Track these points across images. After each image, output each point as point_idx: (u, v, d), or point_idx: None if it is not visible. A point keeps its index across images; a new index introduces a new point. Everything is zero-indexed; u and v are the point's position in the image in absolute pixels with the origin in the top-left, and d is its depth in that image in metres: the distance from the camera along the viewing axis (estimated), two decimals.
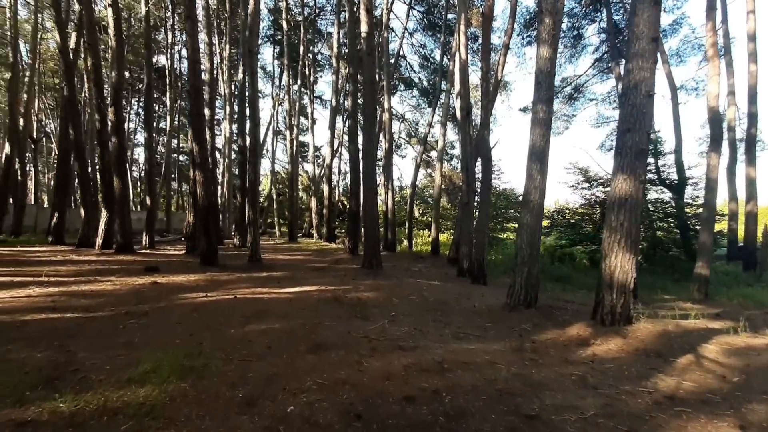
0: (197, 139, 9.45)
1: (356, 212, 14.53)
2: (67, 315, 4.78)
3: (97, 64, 12.11)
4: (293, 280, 8.59)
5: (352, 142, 14.30)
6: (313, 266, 11.28)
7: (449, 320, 6.00)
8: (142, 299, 5.96)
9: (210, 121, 16.78)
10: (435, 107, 20.55)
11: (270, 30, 31.47)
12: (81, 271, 8.39)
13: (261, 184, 41.73)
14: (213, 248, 9.72)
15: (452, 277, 11.57)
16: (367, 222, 10.70)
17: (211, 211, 9.77)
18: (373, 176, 10.81)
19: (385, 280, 9.36)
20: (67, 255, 11.03)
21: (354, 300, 6.83)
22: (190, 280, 8.00)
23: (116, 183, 11.77)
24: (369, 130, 10.77)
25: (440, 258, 16.66)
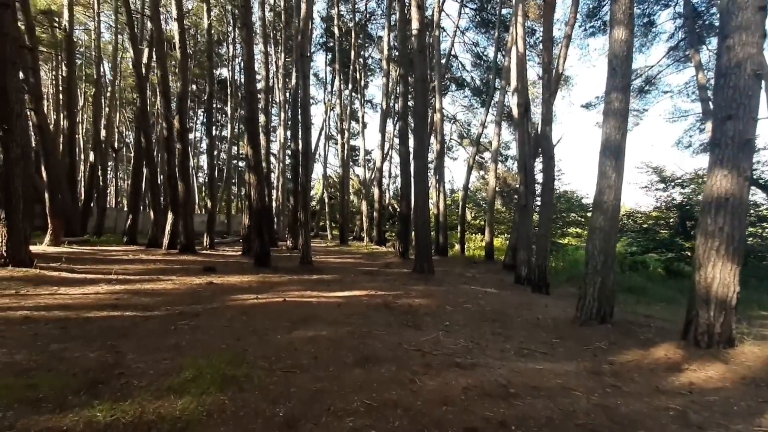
0: (251, 143, 9.65)
1: (407, 215, 14.18)
2: (126, 313, 4.89)
3: (165, 76, 12.90)
4: (342, 283, 8.41)
5: (403, 144, 13.98)
6: (363, 270, 11.08)
7: (510, 333, 5.43)
8: (197, 299, 6.03)
9: (265, 127, 17.34)
10: (488, 107, 19.69)
11: (322, 38, 32.33)
12: (146, 270, 8.83)
13: (313, 187, 42.87)
14: (266, 250, 9.84)
15: (509, 285, 10.83)
16: (418, 225, 10.30)
17: (264, 213, 9.90)
18: (424, 178, 10.40)
19: (437, 286, 8.90)
20: (137, 254, 11.79)
21: (405, 307, 6.47)
22: (243, 281, 8.09)
23: (180, 187, 12.41)
24: (420, 131, 10.39)
25: (495, 264, 15.80)
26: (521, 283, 10.99)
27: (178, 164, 12.44)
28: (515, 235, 14.07)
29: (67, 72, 16.88)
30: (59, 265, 8.55)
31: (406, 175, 14.07)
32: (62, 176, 15.85)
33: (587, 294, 5.78)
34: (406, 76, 13.89)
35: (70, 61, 16.89)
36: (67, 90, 17.05)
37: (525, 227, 11.33)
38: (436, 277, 10.10)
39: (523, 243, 11.22)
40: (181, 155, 12.35)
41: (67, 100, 17.05)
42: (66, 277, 7.28)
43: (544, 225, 8.99)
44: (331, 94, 32.46)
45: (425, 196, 10.34)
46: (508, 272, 13.69)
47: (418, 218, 10.32)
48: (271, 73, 24.29)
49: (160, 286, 7.04)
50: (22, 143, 7.43)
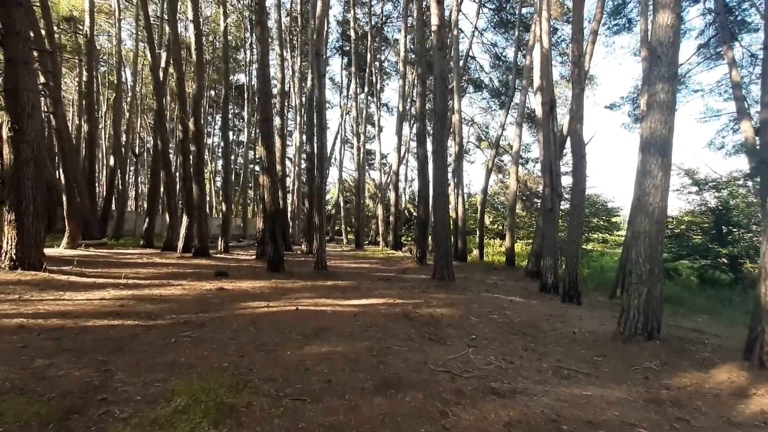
0: (265, 143, 9.33)
1: (424, 220, 13.66)
2: (128, 322, 4.52)
3: (181, 79, 12.77)
4: (359, 290, 7.94)
5: (421, 146, 13.50)
6: (379, 276, 10.60)
7: (545, 350, 4.86)
8: (205, 307, 5.65)
9: (281, 130, 17.12)
10: (508, 108, 19.06)
11: (338, 42, 32.23)
12: (157, 274, 8.55)
13: (329, 192, 42.69)
14: (279, 254, 9.47)
15: (534, 293, 10.18)
16: (437, 229, 9.78)
17: (278, 216, 9.55)
18: (443, 180, 9.89)
19: (459, 294, 8.34)
20: (151, 258, 11.59)
21: (426, 317, 5.96)
22: (255, 286, 7.71)
23: (195, 190, 12.21)
24: (439, 131, 9.89)
25: (516, 270, 15.10)
26: (547, 292, 10.34)
27: (193, 167, 12.25)
28: (539, 240, 13.39)
29: (88, 77, 17.05)
30: (70, 268, 8.35)
31: (423, 178, 13.57)
32: (81, 180, 15.94)
33: (631, 306, 5.17)
34: (423, 77, 13.44)
35: (90, 66, 17.06)
36: (88, 95, 17.21)
37: (550, 232, 10.66)
38: (457, 285, 9.54)
39: (549, 249, 10.56)
40: (196, 158, 12.15)
41: (88, 105, 17.20)
42: (74, 282, 7.03)
43: (574, 230, 8.34)
44: (346, 98, 32.30)
45: (445, 199, 9.83)
46: (532, 279, 13.00)
47: (438, 222, 9.80)
48: (287, 77, 24.22)
49: (168, 291, 6.70)
50: (34, 145, 7.25)
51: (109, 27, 22.25)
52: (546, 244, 10.75)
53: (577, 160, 8.30)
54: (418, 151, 13.68)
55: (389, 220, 29.90)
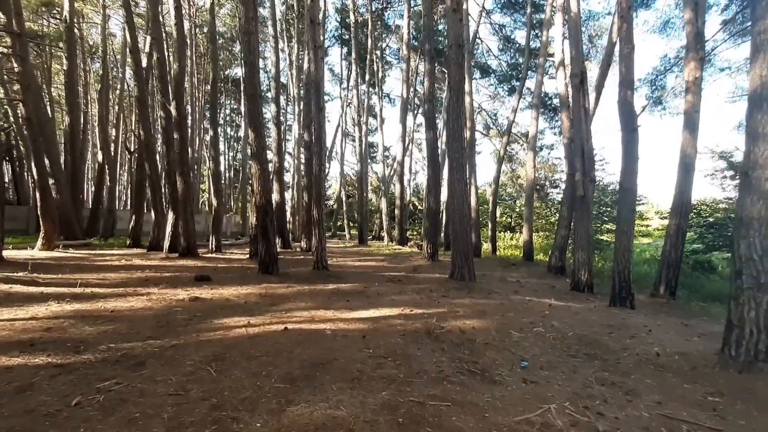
0: (253, 124, 7.84)
1: (435, 211, 12.17)
2: (36, 360, 3.07)
3: (162, 60, 11.26)
4: (366, 297, 6.47)
5: (430, 129, 11.99)
6: (388, 276, 9.12)
7: (629, 384, 3.41)
8: (164, 327, 4.19)
9: (276, 118, 15.61)
10: (520, 92, 17.47)
11: (337, 31, 30.57)
12: (127, 280, 7.10)
13: (330, 187, 41.19)
14: (272, 254, 8.01)
15: (565, 292, 8.72)
16: (455, 222, 8.29)
17: (270, 209, 8.07)
18: (461, 164, 8.38)
19: (485, 298, 6.87)
20: (131, 260, 10.15)
21: (455, 334, 4.49)
22: (240, 294, 6.25)
23: (179, 183, 10.75)
24: (455, 107, 8.37)
25: (536, 266, 13.60)
26: (580, 291, 8.87)
27: (177, 157, 10.77)
28: (563, 232, 11.88)
29: (68, 65, 15.55)
30: (23, 275, 6.91)
31: (434, 165, 12.08)
32: (61, 176, 14.49)
33: (745, 320, 3.69)
34: (432, 53, 11.87)
35: (71, 54, 15.56)
36: (68, 84, 15.72)
37: (583, 223, 9.15)
38: (479, 286, 8.07)
39: (582, 242, 9.06)
40: (179, 147, 10.68)
41: (68, 95, 15.71)
42: (13, 293, 5.58)
43: (625, 219, 6.81)
44: (347, 90, 30.69)
45: (463, 186, 8.32)
46: (556, 276, 11.52)
47: (455, 213, 8.30)
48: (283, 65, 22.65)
49: (128, 304, 5.24)
50: None
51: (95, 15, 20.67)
52: (578, 237, 9.24)
53: (627, 135, 6.76)
54: (427, 136, 12.17)
55: (394, 214, 28.38)
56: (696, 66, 8.67)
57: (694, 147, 8.77)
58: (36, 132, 11.68)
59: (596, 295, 8.79)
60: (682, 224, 8.82)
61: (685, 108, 8.96)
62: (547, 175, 20.69)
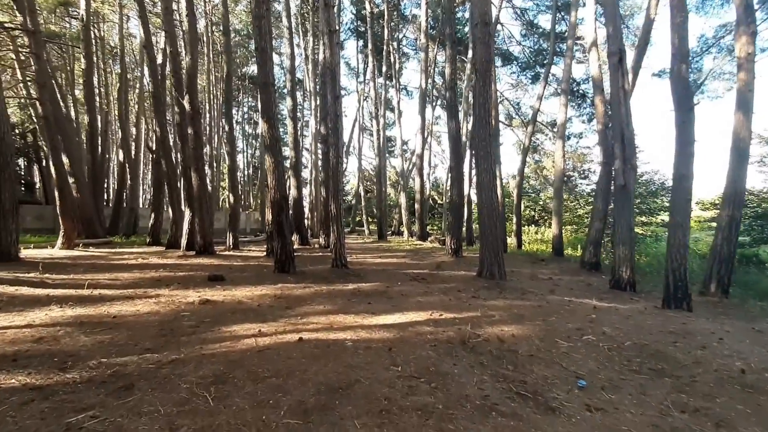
0: (266, 114, 7.35)
1: (459, 204, 11.49)
2: (10, 382, 2.64)
3: (174, 53, 10.93)
4: (389, 298, 5.90)
5: (452, 118, 11.28)
6: (411, 274, 8.53)
7: (714, 408, 2.79)
8: (167, 336, 3.74)
9: (292, 112, 15.16)
10: (546, 78, 16.45)
11: (353, 24, 29.96)
12: (139, 281, 6.75)
13: (348, 182, 40.79)
14: (288, 252, 7.54)
15: (605, 291, 7.96)
16: (483, 216, 7.61)
17: (286, 205, 7.59)
18: (488, 153, 7.68)
19: (519, 299, 6.20)
20: (147, 258, 9.90)
21: (494, 343, 3.89)
22: (254, 295, 5.78)
23: (194, 179, 10.42)
24: (482, 91, 7.66)
25: (566, 261, 12.74)
26: (621, 289, 8.08)
27: (191, 152, 10.44)
28: (598, 225, 11.01)
29: (87, 64, 15.50)
30: (34, 275, 6.65)
31: (456, 156, 11.38)
32: (81, 174, 14.48)
33: None
34: (453, 37, 11.12)
35: (88, 53, 15.50)
36: (87, 83, 15.68)
37: (624, 215, 8.32)
38: (510, 284, 7.38)
39: (624, 235, 8.23)
40: (193, 142, 10.33)
41: (87, 94, 15.67)
42: (17, 295, 5.27)
43: (680, 209, 6.00)
44: (363, 83, 30.10)
45: (491, 176, 7.63)
46: (590, 273, 10.68)
47: (483, 206, 7.63)
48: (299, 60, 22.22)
49: (133, 308, 4.84)
50: None
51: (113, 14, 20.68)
52: (618, 230, 8.40)
53: (682, 114, 5.92)
54: (449, 126, 11.46)
55: (413, 209, 27.74)
56: (748, 40, 7.72)
57: (748, 130, 7.82)
58: (54, 130, 11.58)
59: (639, 294, 7.99)
60: (736, 215, 7.90)
61: (738, 87, 8.01)
62: (575, 165, 19.59)
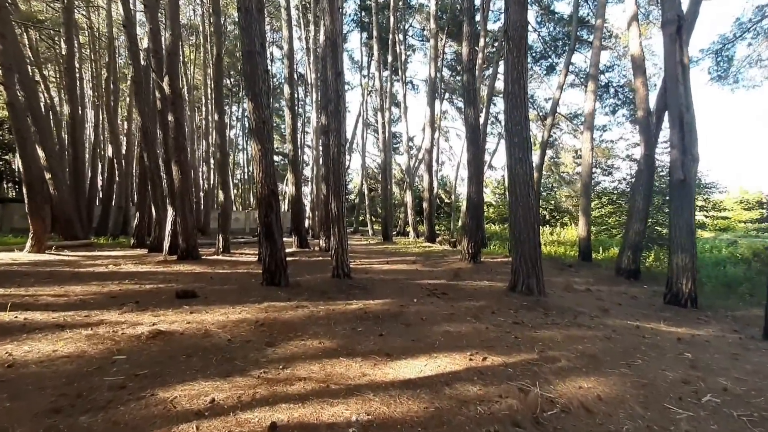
0: (251, 91, 5.90)
1: (477, 203, 10.00)
2: None
3: (155, 30, 9.51)
4: (406, 325, 4.43)
5: (469, 104, 9.79)
6: (426, 285, 7.06)
7: None
8: (57, 416, 2.29)
9: (290, 101, 13.69)
10: (567, 67, 14.91)
11: (356, 15, 28.47)
12: (88, 299, 5.31)
13: (351, 180, 39.30)
14: (278, 260, 6.09)
15: (660, 308, 6.57)
16: (518, 217, 6.13)
17: (274, 203, 6.13)
18: (524, 138, 6.19)
19: (574, 324, 4.71)
20: (121, 264, 8.48)
21: (581, 419, 2.39)
22: (229, 321, 4.33)
23: (175, 172, 8.99)
24: (516, 62, 6.17)
25: (596, 266, 11.23)
26: (681, 305, 6.64)
27: (172, 142, 9.00)
28: (637, 227, 9.50)
29: (67, 49, 14.10)
30: None
31: (475, 147, 9.89)
32: (59, 170, 13.08)
33: None
34: (471, 11, 9.62)
35: (69, 37, 14.09)
36: (68, 70, 14.27)
37: (684, 215, 6.83)
38: (553, 302, 5.89)
39: (683, 239, 6.76)
40: (174, 130, 8.90)
41: (69, 82, 14.26)
42: None
43: None
44: (367, 78, 28.60)
45: (527, 168, 6.14)
46: (629, 281, 9.18)
47: (518, 205, 6.14)
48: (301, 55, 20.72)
49: (50, 347, 3.40)
50: None
51: None
52: (676, 233, 6.91)
53: None
54: (466, 113, 9.96)
55: (419, 208, 26.23)
56: None
57: None
58: (21, 119, 10.16)
59: (704, 311, 6.53)
60: None
61: None
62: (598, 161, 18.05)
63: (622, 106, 16.97)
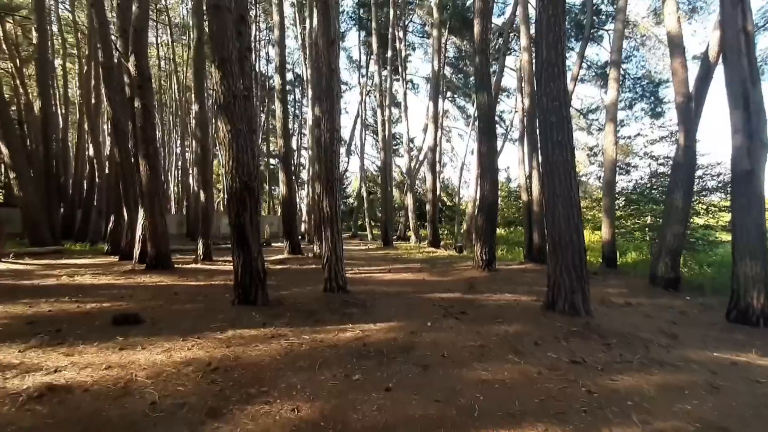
0: (218, 54, 4.60)
1: (492, 202, 8.70)
2: None
3: (124, 7, 8.22)
4: (422, 367, 3.06)
5: (483, 90, 8.52)
6: (440, 301, 5.71)
7: None
8: None
9: (281, 93, 12.41)
10: (581, 57, 13.71)
11: (355, 13, 27.34)
12: (6, 321, 3.97)
13: (350, 183, 37.98)
14: (253, 272, 4.75)
15: (725, 326, 5.31)
16: (557, 216, 4.80)
17: (249, 199, 4.80)
18: (563, 115, 4.88)
19: (657, 365, 3.34)
20: (74, 276, 7.14)
21: None
22: (168, 363, 2.99)
23: (143, 168, 7.67)
24: (552, 23, 4.89)
25: (624, 274, 9.88)
26: (753, 323, 5.34)
27: (140, 133, 7.69)
28: (676, 228, 8.19)
29: (38, 38, 12.82)
30: None
31: (489, 138, 8.62)
32: (25, 169, 11.74)
33: None
34: None
35: (41, 24, 12.82)
36: (39, 61, 12.99)
37: (752, 213, 5.53)
38: (604, 325, 4.55)
39: (753, 243, 5.46)
40: (142, 119, 7.60)
41: (40, 74, 12.98)
42: None
43: None
44: (366, 77, 27.39)
45: (568, 154, 4.84)
46: (669, 292, 7.83)
47: (556, 201, 4.83)
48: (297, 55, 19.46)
49: None
50: None
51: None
52: (742, 237, 5.59)
53: None
54: (479, 100, 8.68)
55: (421, 211, 24.91)
56: None
57: None
58: None
59: None
60: None
61: None
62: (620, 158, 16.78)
63: (640, 100, 15.79)
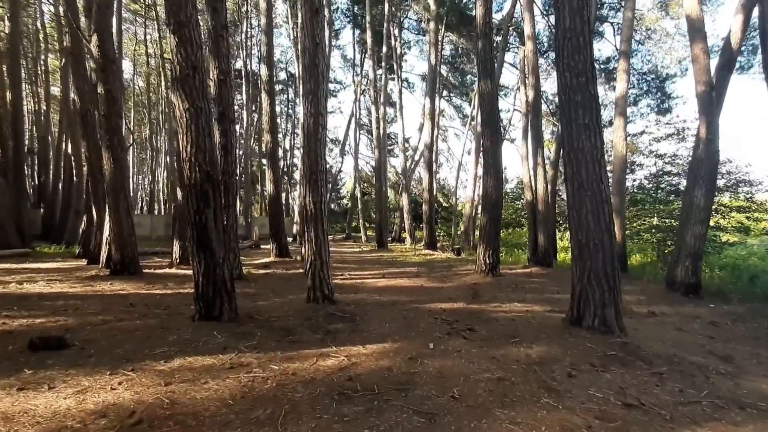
0: (174, 18, 3.75)
1: (496, 200, 7.89)
2: None
3: None
4: (426, 415, 2.19)
5: (486, 77, 7.73)
6: (442, 312, 4.86)
7: None
8: None
9: (268, 84, 11.54)
10: None
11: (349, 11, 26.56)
12: None
13: (345, 184, 37.05)
14: (217, 281, 3.88)
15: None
16: (584, 213, 3.98)
17: (213, 192, 3.93)
18: (591, 94, 4.08)
19: (737, 410, 2.50)
20: (30, 281, 6.20)
21: None
22: (75, 414, 2.10)
23: (106, 161, 6.77)
24: None
25: (636, 278, 9.10)
26: None
27: (103, 122, 6.79)
28: (697, 229, 7.45)
29: (11, 28, 11.88)
30: None
31: (492, 131, 7.81)
32: None
33: None
34: None
35: (14, 14, 11.88)
36: (11, 51, 12.02)
37: None
38: (645, 346, 3.72)
39: None
40: (105, 105, 6.70)
41: (11, 65, 12.01)
42: None
43: None
44: (360, 76, 26.58)
45: (597, 140, 4.02)
46: (690, 299, 7.07)
47: (582, 196, 4.01)
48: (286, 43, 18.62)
49: None
50: None
51: None
52: None
53: None
54: (482, 88, 7.88)
55: (416, 212, 24.10)
56: None
57: None
58: None
59: None
60: None
61: None
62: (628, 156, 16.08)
63: (646, 95, 15.13)
